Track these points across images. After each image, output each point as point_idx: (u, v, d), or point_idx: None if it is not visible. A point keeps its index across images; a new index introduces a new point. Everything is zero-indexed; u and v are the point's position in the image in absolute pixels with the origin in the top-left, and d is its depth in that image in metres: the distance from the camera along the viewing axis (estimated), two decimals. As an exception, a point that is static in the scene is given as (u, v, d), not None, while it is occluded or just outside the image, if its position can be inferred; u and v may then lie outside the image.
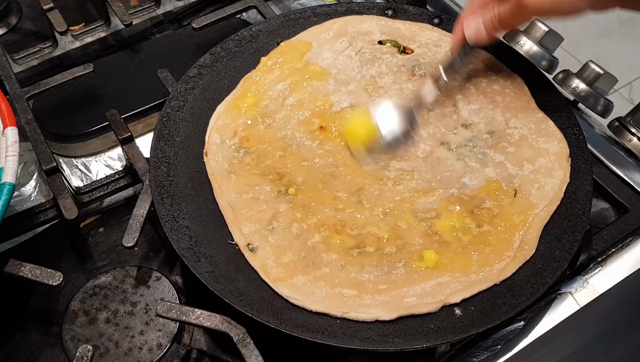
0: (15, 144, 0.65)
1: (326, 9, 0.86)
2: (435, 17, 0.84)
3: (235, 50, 0.83)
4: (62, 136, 0.85)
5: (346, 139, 0.75)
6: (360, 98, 0.79)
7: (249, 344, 0.60)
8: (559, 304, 0.66)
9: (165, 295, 0.66)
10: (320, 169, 0.73)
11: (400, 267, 0.64)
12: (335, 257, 0.66)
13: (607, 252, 0.70)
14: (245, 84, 0.80)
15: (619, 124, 0.80)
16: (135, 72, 0.92)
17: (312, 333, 0.59)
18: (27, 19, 0.97)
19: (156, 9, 0.98)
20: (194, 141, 0.76)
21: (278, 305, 0.62)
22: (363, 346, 0.59)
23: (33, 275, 0.64)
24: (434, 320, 0.61)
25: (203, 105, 0.78)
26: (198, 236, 0.67)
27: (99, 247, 0.76)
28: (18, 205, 0.79)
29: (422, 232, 0.67)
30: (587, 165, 0.70)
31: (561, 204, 0.68)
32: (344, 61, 0.82)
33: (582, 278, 0.68)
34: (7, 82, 0.83)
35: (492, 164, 0.71)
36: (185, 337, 0.65)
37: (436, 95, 0.75)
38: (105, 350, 0.62)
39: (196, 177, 0.73)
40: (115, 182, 0.78)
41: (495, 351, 0.63)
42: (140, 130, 0.87)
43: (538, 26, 0.77)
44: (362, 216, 0.69)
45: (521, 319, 0.64)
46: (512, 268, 0.63)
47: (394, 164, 0.73)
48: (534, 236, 0.65)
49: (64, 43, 0.94)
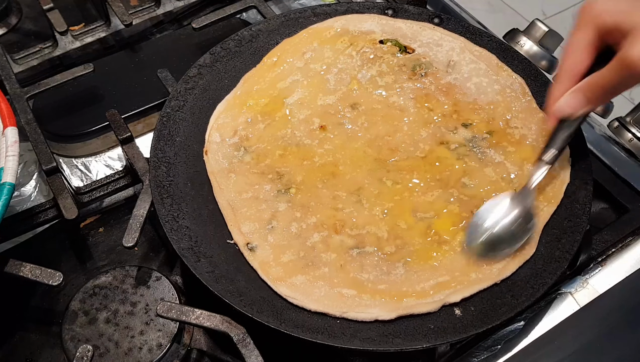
0: (15, 144, 0.65)
1: (326, 9, 0.86)
2: (436, 17, 0.84)
3: (235, 50, 0.83)
4: (62, 136, 0.85)
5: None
6: (360, 97, 0.79)
7: (249, 344, 0.60)
8: (559, 304, 0.66)
9: (165, 295, 0.66)
10: (320, 169, 0.73)
11: (399, 267, 0.65)
12: (335, 257, 0.66)
13: (607, 252, 0.70)
14: (246, 83, 0.80)
15: (619, 124, 0.80)
16: (135, 72, 0.92)
17: (312, 333, 0.60)
18: (27, 19, 0.97)
19: (156, 9, 0.98)
20: (194, 141, 0.75)
21: (278, 305, 0.62)
22: (363, 346, 0.59)
23: (33, 275, 0.64)
24: (433, 320, 0.61)
25: (203, 105, 0.78)
26: (198, 236, 0.67)
27: (99, 247, 0.76)
28: (18, 205, 0.79)
29: (421, 231, 0.67)
30: (587, 165, 0.70)
31: (561, 204, 0.68)
32: (345, 60, 0.82)
33: (582, 278, 0.68)
34: (7, 82, 0.83)
35: (492, 164, 0.71)
36: (185, 337, 0.65)
37: (547, 168, 0.66)
38: (105, 350, 0.62)
39: (196, 177, 0.73)
40: (115, 182, 0.78)
41: (495, 351, 0.63)
42: (140, 130, 0.87)
43: (538, 26, 0.77)
44: (361, 215, 0.69)
45: (521, 319, 0.64)
46: (512, 268, 0.63)
47: (393, 164, 0.73)
48: (534, 235, 0.65)
49: (64, 43, 0.94)
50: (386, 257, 0.65)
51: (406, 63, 0.81)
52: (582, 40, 0.62)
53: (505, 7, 2.23)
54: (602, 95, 0.62)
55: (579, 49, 0.63)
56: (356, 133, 0.76)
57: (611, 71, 0.60)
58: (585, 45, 0.62)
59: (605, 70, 0.60)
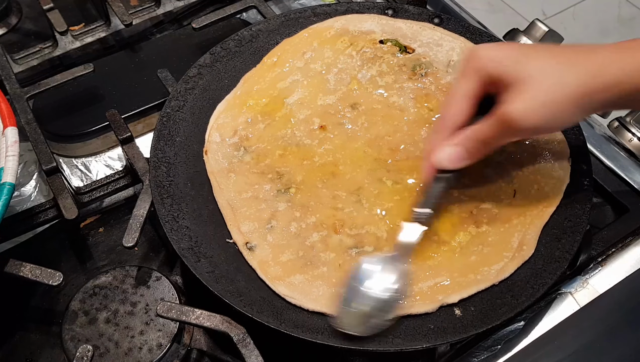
0: (15, 144, 0.65)
1: (326, 9, 0.86)
2: (436, 17, 0.84)
3: (235, 50, 0.83)
4: (62, 136, 0.85)
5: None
6: (360, 97, 0.79)
7: (249, 344, 0.60)
8: (559, 304, 0.66)
9: (165, 295, 0.66)
10: (320, 168, 0.73)
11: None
12: (334, 257, 0.66)
13: (607, 252, 0.70)
14: (246, 83, 0.80)
15: (619, 124, 0.80)
16: (135, 72, 0.92)
17: (312, 333, 0.60)
18: (27, 19, 0.97)
19: (156, 9, 0.98)
20: (194, 141, 0.76)
21: (278, 305, 0.62)
22: (363, 346, 0.59)
23: (33, 275, 0.64)
24: (433, 320, 0.61)
25: (203, 105, 0.78)
26: (198, 236, 0.67)
27: (99, 247, 0.76)
28: (18, 205, 0.79)
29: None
30: (587, 165, 0.70)
31: (561, 204, 0.67)
32: (345, 60, 0.82)
33: (582, 278, 0.68)
34: (7, 82, 0.83)
35: (491, 164, 0.71)
36: (185, 337, 0.65)
37: (422, 231, 0.63)
38: (105, 350, 0.62)
39: (196, 177, 0.73)
40: (115, 182, 0.78)
41: (495, 351, 0.63)
42: (140, 130, 0.87)
43: (538, 26, 0.77)
44: (361, 215, 0.69)
45: (521, 319, 0.64)
46: (511, 269, 0.63)
47: (393, 164, 0.73)
48: (533, 236, 0.65)
49: (64, 43, 0.94)
50: (385, 257, 0.65)
51: (406, 63, 0.81)
52: (464, 90, 0.61)
53: (505, 7, 2.23)
54: (483, 149, 0.61)
55: (460, 99, 0.61)
56: (356, 133, 0.76)
57: (491, 126, 0.59)
58: (467, 95, 0.61)
59: (485, 124, 0.59)
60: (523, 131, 0.58)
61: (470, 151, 0.61)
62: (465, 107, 0.61)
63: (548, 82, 0.56)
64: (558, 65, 0.56)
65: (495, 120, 0.58)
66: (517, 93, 0.57)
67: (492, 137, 0.60)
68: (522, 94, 0.56)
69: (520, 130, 0.58)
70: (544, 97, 0.56)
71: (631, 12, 2.10)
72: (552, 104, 0.56)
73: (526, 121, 0.56)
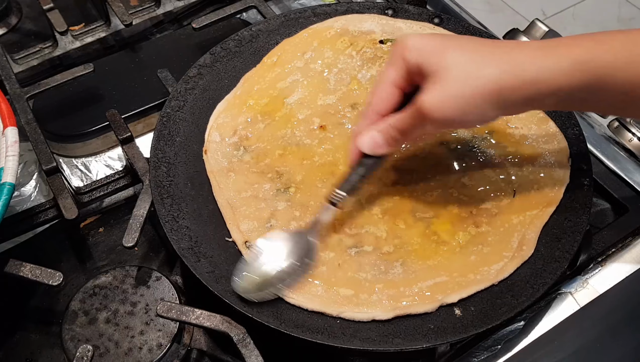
0: (15, 144, 0.65)
1: (326, 9, 0.86)
2: (436, 17, 0.84)
3: (235, 50, 0.83)
4: (62, 136, 0.85)
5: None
6: (360, 97, 0.79)
7: (249, 344, 0.60)
8: (559, 304, 0.66)
9: (165, 295, 0.66)
10: (320, 168, 0.73)
11: (397, 266, 0.64)
12: (333, 256, 0.66)
13: (607, 252, 0.70)
14: (246, 83, 0.80)
15: (619, 124, 0.80)
16: (135, 72, 0.92)
17: (312, 333, 0.60)
18: (27, 19, 0.97)
19: (156, 9, 0.98)
20: (194, 141, 0.76)
21: (278, 305, 0.62)
22: (363, 346, 0.59)
23: (33, 275, 0.64)
24: (433, 320, 0.61)
25: (203, 105, 0.78)
26: (198, 236, 0.67)
27: (99, 247, 0.76)
28: (18, 205, 0.80)
29: (420, 231, 0.67)
30: (587, 165, 0.70)
31: (561, 204, 0.67)
32: (345, 60, 0.82)
33: (582, 278, 0.68)
34: (7, 82, 0.83)
35: (491, 165, 0.71)
36: (185, 337, 0.65)
37: (334, 212, 0.65)
38: (105, 350, 0.62)
39: (196, 177, 0.73)
40: (115, 182, 0.78)
41: (495, 351, 0.63)
42: (140, 130, 0.87)
43: (538, 26, 0.77)
44: (360, 215, 0.69)
45: (521, 319, 0.64)
46: (510, 268, 0.63)
47: (393, 164, 0.73)
48: (533, 236, 0.65)
49: (64, 43, 0.94)
50: (384, 256, 0.65)
51: (406, 63, 0.81)
52: (389, 77, 0.60)
53: (505, 7, 2.23)
54: (401, 138, 0.61)
55: (385, 86, 0.61)
56: (356, 133, 0.76)
57: (408, 116, 0.59)
58: (391, 82, 0.60)
59: (403, 114, 0.59)
60: (436, 123, 0.57)
61: (387, 139, 0.61)
62: (389, 95, 0.61)
63: (461, 75, 0.55)
64: (474, 59, 0.55)
65: (411, 111, 0.58)
66: (431, 83, 0.56)
67: (409, 126, 0.59)
68: (436, 85, 0.56)
69: (433, 122, 0.57)
70: (455, 90, 0.55)
71: (631, 12, 2.10)
72: (463, 97, 0.55)
73: (437, 112, 0.56)
